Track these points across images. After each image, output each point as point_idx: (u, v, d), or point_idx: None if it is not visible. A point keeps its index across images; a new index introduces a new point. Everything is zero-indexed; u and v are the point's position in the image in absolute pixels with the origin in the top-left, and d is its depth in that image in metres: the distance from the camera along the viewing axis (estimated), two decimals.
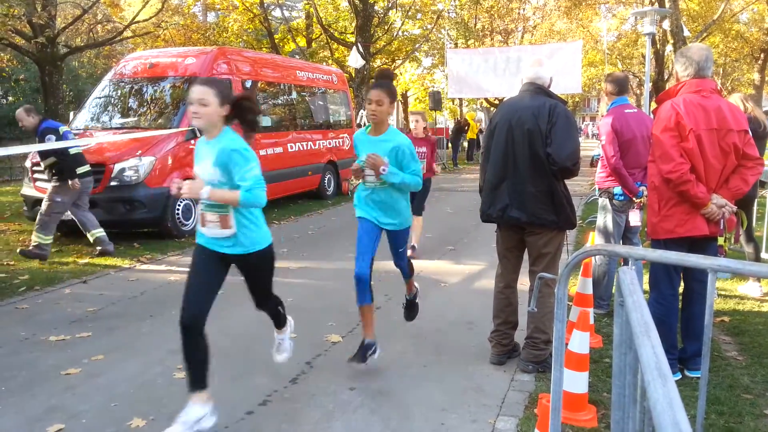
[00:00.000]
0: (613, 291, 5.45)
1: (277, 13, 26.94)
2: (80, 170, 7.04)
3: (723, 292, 5.70)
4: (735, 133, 3.55)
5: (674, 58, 3.87)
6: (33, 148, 7.50)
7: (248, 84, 10.72)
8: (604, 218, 5.12)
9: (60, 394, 3.70)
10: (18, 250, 7.29)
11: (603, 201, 5.13)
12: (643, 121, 4.84)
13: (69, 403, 3.58)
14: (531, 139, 3.79)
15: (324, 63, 22.96)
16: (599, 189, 5.20)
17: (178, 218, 8.62)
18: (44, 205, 7.09)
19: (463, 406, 3.55)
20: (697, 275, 3.78)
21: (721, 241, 3.69)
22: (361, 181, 3.93)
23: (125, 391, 3.75)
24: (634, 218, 4.94)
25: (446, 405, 3.56)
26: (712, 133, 3.54)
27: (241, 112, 3.24)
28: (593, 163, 20.64)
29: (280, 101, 12.16)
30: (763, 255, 6.50)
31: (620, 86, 5.05)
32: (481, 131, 26.82)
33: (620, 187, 4.89)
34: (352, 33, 22.17)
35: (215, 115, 3.11)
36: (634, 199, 4.82)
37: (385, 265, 6.97)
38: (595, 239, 5.26)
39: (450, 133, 24.89)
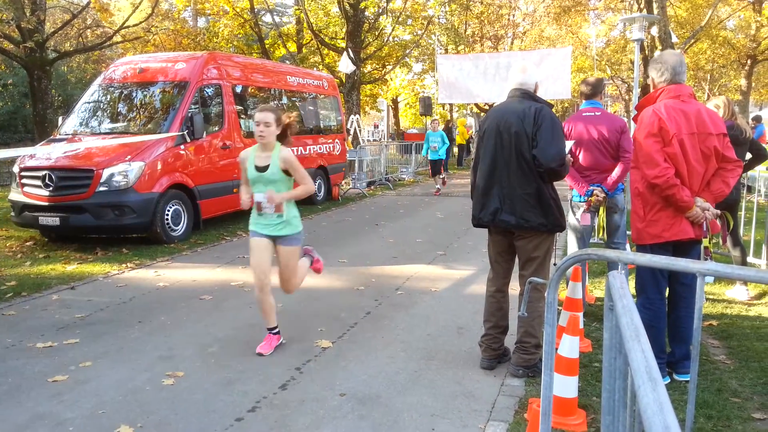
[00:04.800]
0: (597, 294, 5.47)
1: (267, 18, 26.97)
2: None
3: (711, 296, 5.73)
4: (714, 137, 3.61)
5: (649, 66, 3.91)
6: (21, 152, 7.43)
7: (238, 89, 10.71)
8: (569, 216, 5.25)
9: (47, 401, 3.66)
10: None
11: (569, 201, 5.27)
12: (599, 124, 4.91)
13: (56, 411, 3.54)
14: (518, 141, 3.83)
15: (315, 68, 22.96)
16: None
17: (168, 224, 8.57)
18: None
19: (454, 412, 3.54)
20: (682, 278, 3.81)
21: (706, 242, 3.72)
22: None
23: (113, 397, 3.71)
24: (584, 219, 5.00)
25: (436, 411, 3.56)
26: (693, 137, 3.58)
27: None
28: None
29: None
30: (750, 259, 6.55)
31: (593, 88, 5.13)
32: (471, 138, 26.94)
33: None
34: (342, 38, 22.19)
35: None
36: (585, 198, 4.90)
37: (374, 270, 6.99)
38: (568, 237, 5.35)
39: None
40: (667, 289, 3.94)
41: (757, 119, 17.18)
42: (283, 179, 4.34)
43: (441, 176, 15.59)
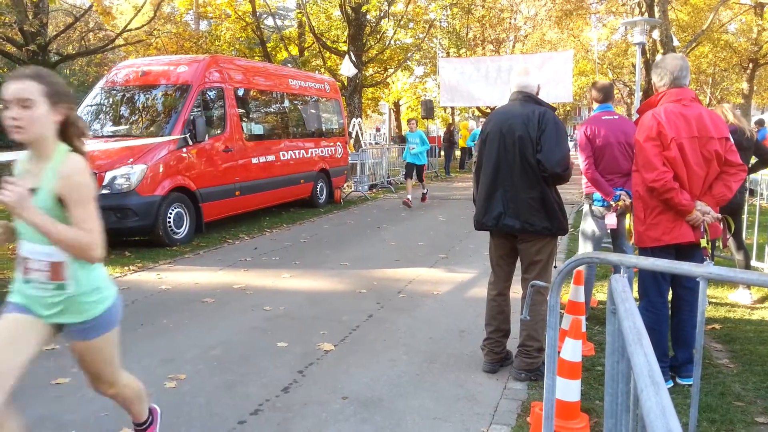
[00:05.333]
0: (599, 297, 5.47)
1: (269, 21, 26.99)
2: None
3: (714, 300, 5.72)
4: (716, 141, 3.60)
5: (651, 70, 3.91)
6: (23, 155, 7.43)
7: (240, 92, 10.73)
8: (584, 223, 5.21)
9: (49, 404, 3.66)
10: None
11: (585, 207, 5.22)
12: (621, 127, 4.88)
13: (58, 413, 3.54)
14: (522, 146, 3.83)
15: (316, 71, 23.00)
16: (584, 195, 5.27)
17: (170, 227, 8.58)
18: None
19: (456, 415, 3.54)
20: (685, 282, 3.81)
21: (703, 243, 3.71)
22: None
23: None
24: (610, 220, 4.96)
25: (439, 414, 3.55)
26: (693, 141, 3.57)
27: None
28: None
29: (272, 109, 12.16)
30: (754, 262, 6.54)
31: (604, 94, 5.11)
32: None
33: (599, 193, 4.96)
34: (344, 42, 22.22)
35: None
36: (611, 202, 4.87)
37: (376, 273, 6.99)
38: (579, 244, 5.31)
39: (442, 141, 24.98)
40: (671, 293, 3.94)
41: (760, 123, 17.17)
42: (58, 212, 2.34)
43: (423, 190, 13.69)
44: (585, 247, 5.21)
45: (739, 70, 29.98)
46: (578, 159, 4.92)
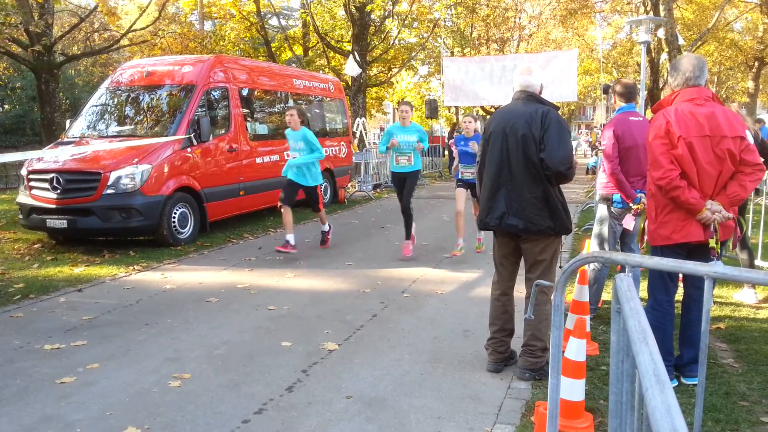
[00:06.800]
0: (603, 297, 5.45)
1: (273, 21, 27.04)
2: None
3: (718, 299, 5.71)
4: (729, 140, 3.56)
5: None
6: (28, 155, 7.46)
7: (245, 92, 10.73)
8: (601, 225, 5.14)
9: (54, 403, 3.67)
10: None
11: (601, 208, 5.15)
12: (647, 129, 4.84)
13: (63, 412, 3.56)
14: (525, 145, 3.82)
15: (321, 71, 23.01)
16: (600, 196, 5.21)
17: (174, 226, 8.60)
18: None
19: (460, 414, 3.54)
20: (695, 282, 3.80)
21: (712, 243, 3.69)
22: None
23: (120, 399, 3.72)
24: (628, 222, 4.92)
25: (443, 413, 3.55)
26: (705, 140, 3.55)
27: None
28: (588, 172, 20.70)
29: (276, 109, 12.17)
30: (758, 262, 6.52)
31: (629, 93, 5.07)
32: None
33: (619, 194, 4.90)
34: (348, 41, 22.23)
35: None
36: (631, 205, 4.83)
37: (380, 272, 6.99)
38: (590, 246, 5.27)
39: (446, 140, 24.95)
40: (683, 293, 3.93)
41: (760, 122, 17.10)
42: None
43: (324, 226, 8.42)
44: (598, 249, 5.16)
45: (745, 69, 29.89)
46: (592, 160, 4.90)
